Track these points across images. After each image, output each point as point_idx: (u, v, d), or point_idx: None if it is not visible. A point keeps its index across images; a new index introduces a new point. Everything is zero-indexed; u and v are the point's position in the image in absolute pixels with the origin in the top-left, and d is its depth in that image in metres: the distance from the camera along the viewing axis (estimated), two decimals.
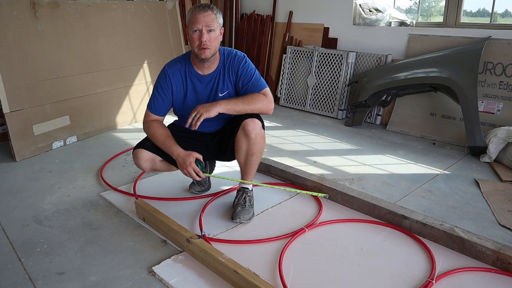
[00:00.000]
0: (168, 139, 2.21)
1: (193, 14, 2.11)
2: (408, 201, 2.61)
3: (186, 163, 2.12)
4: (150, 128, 2.28)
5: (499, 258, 1.90)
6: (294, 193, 2.68)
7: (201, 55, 2.15)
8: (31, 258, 2.01)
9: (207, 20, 2.10)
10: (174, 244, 2.11)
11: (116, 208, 2.52)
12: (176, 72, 2.27)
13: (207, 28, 2.10)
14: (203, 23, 2.10)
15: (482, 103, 3.64)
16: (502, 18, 3.99)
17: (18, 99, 3.28)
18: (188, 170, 2.12)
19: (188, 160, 2.12)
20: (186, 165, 2.12)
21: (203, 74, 2.27)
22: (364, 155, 3.45)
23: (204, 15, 2.10)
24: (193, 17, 2.11)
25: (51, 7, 3.53)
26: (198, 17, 2.09)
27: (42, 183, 2.89)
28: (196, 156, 2.14)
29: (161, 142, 2.22)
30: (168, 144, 2.20)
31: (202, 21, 2.09)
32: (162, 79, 2.28)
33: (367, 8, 4.49)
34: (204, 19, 2.09)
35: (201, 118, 2.08)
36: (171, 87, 2.27)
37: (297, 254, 2.03)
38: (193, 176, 2.14)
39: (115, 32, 4.07)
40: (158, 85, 2.29)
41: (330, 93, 4.65)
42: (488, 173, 3.07)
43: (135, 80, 4.29)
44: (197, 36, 2.11)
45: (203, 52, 2.13)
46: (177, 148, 2.17)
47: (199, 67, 2.26)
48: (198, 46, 2.12)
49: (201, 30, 2.10)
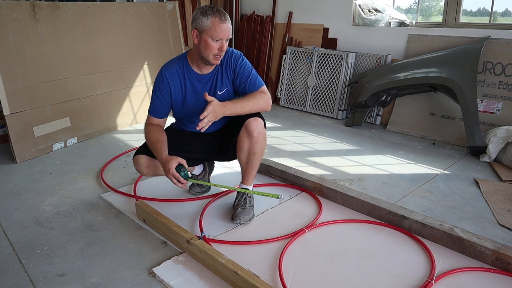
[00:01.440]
0: (157, 144, 2.17)
1: (217, 23, 2.07)
2: (408, 201, 2.62)
3: (165, 169, 2.05)
4: (146, 131, 2.27)
5: (499, 258, 1.91)
6: (294, 194, 2.69)
7: (214, 62, 2.18)
8: (32, 260, 2.02)
9: (229, 32, 2.12)
10: (174, 245, 2.12)
11: (117, 209, 2.52)
12: (173, 74, 2.27)
13: (227, 39, 2.13)
14: (227, 34, 2.11)
15: (481, 103, 3.64)
16: (502, 17, 3.99)
17: (18, 101, 3.29)
18: (169, 177, 2.05)
19: (167, 166, 2.03)
20: (166, 171, 2.05)
21: (202, 73, 2.28)
22: (364, 155, 3.46)
23: (227, 26, 2.10)
24: (217, 27, 2.07)
25: (51, 9, 3.54)
26: (223, 28, 2.09)
27: (42, 185, 2.90)
28: (178, 161, 2.05)
29: (151, 147, 2.20)
30: (155, 149, 2.16)
31: (226, 32, 2.10)
32: (160, 82, 2.27)
33: (366, 9, 4.49)
34: (227, 30, 2.11)
35: (210, 123, 2.06)
36: (169, 89, 2.27)
37: (297, 255, 2.04)
38: (174, 183, 2.06)
39: (115, 34, 4.08)
40: (156, 88, 2.28)
41: (330, 93, 4.66)
42: (488, 173, 3.08)
43: (135, 81, 4.30)
44: (217, 45, 2.11)
45: (217, 60, 2.17)
46: (161, 154, 2.11)
47: (199, 67, 2.27)
48: (215, 54, 2.13)
49: (222, 40, 2.11)
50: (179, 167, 2.05)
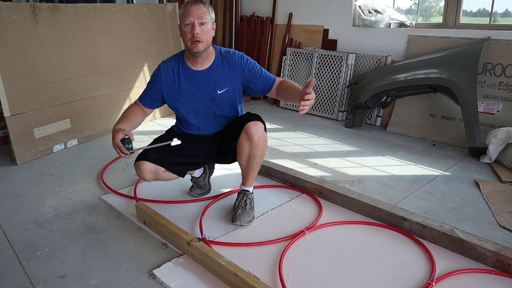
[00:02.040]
0: (123, 119, 2.33)
1: (185, 7, 2.15)
2: (408, 203, 2.62)
3: (113, 140, 2.15)
4: (128, 107, 2.45)
5: (499, 259, 1.91)
6: (294, 196, 2.69)
7: (193, 49, 2.16)
8: (32, 262, 2.02)
9: (199, 13, 2.13)
10: (175, 247, 2.12)
11: (117, 211, 2.52)
12: (168, 69, 2.32)
13: (199, 21, 2.13)
14: (195, 15, 2.12)
15: (482, 104, 3.64)
16: (502, 18, 3.99)
17: (18, 103, 3.29)
18: (114, 147, 2.15)
19: (114, 138, 2.13)
20: (113, 142, 2.15)
21: (197, 69, 2.29)
22: (364, 156, 3.46)
23: (196, 8, 2.13)
24: (185, 11, 2.14)
25: (51, 11, 3.54)
26: (190, 10, 2.13)
27: (43, 187, 2.90)
28: (125, 134, 2.14)
29: (120, 117, 2.36)
30: (119, 121, 2.32)
31: (194, 13, 2.12)
32: (154, 74, 2.37)
33: (366, 10, 4.50)
34: (196, 11, 2.13)
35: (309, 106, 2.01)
36: (161, 83, 2.33)
37: (297, 257, 2.04)
38: (118, 153, 2.14)
39: (115, 35, 4.08)
40: (151, 78, 2.39)
41: (330, 94, 4.66)
42: (488, 174, 3.08)
43: (136, 82, 4.30)
44: (189, 29, 2.14)
45: (196, 45, 2.15)
46: (116, 125, 2.26)
47: (192, 63, 2.29)
48: (190, 39, 2.14)
49: (193, 23, 2.12)
50: (125, 139, 2.14)
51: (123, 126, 2.26)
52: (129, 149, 2.14)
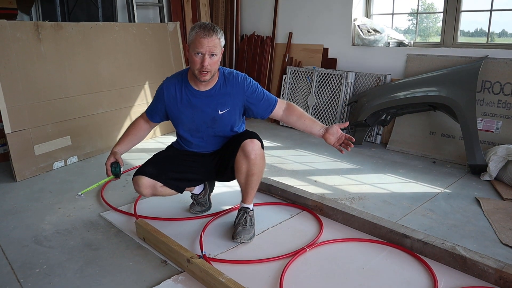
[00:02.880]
0: (125, 136, 2.46)
1: (198, 37, 2.08)
2: (409, 220, 2.60)
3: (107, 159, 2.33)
4: (133, 122, 2.54)
5: (502, 276, 1.89)
6: (295, 213, 2.68)
7: (200, 78, 2.18)
8: (30, 279, 2.00)
9: (211, 46, 2.09)
10: (175, 264, 2.10)
11: (116, 228, 2.51)
12: (170, 87, 2.33)
13: (210, 53, 2.10)
14: (207, 48, 2.09)
15: (481, 122, 3.66)
16: (499, 38, 4.04)
17: (19, 120, 3.30)
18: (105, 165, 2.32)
19: (108, 158, 2.32)
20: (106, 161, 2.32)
21: (199, 90, 2.30)
22: (365, 174, 3.45)
23: (208, 40, 2.08)
24: (197, 40, 2.08)
25: (54, 29, 3.59)
26: (203, 42, 2.08)
27: (42, 203, 2.89)
28: (116, 159, 2.31)
29: (123, 134, 2.48)
30: (121, 138, 2.46)
31: (206, 46, 2.08)
32: (158, 91, 2.39)
33: (365, 29, 4.55)
34: (209, 44, 2.08)
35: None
36: (164, 99, 2.34)
37: (298, 274, 2.02)
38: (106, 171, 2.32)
39: (116, 54, 4.13)
40: (156, 94, 2.41)
41: (330, 112, 4.68)
42: (489, 191, 3.07)
43: (136, 100, 4.32)
44: (199, 59, 2.11)
45: (204, 75, 2.15)
46: (116, 145, 2.40)
47: (196, 84, 2.30)
48: (199, 68, 2.13)
49: (204, 54, 2.10)
50: (115, 163, 2.33)
51: (121, 147, 2.41)
52: (115, 174, 2.34)
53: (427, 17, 4.62)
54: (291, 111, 2.36)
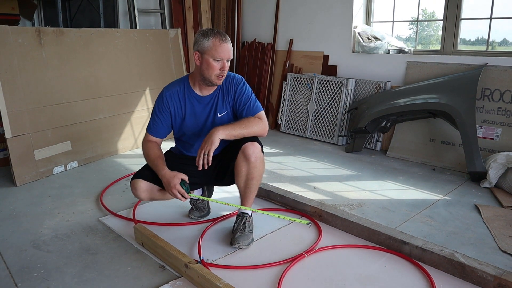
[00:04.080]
0: (158, 159, 2.25)
1: (218, 43, 2.14)
2: (408, 227, 2.60)
3: (170, 185, 2.13)
4: (145, 148, 2.33)
5: (501, 284, 1.88)
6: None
7: (217, 82, 2.23)
8: (28, 283, 2.00)
9: (230, 52, 2.18)
10: (172, 269, 2.10)
11: (115, 233, 2.51)
12: (174, 95, 2.32)
13: (228, 59, 2.18)
14: (228, 54, 2.17)
15: (481, 129, 3.66)
16: (500, 46, 4.05)
17: (20, 124, 3.31)
18: (173, 192, 2.13)
19: (173, 182, 2.13)
20: (171, 186, 2.13)
21: (203, 95, 2.31)
22: (364, 181, 3.45)
23: (228, 46, 2.17)
24: (218, 46, 2.14)
25: (56, 35, 3.61)
26: (224, 48, 2.15)
27: (41, 208, 2.89)
28: (181, 177, 2.15)
29: (151, 162, 2.27)
30: (156, 164, 2.23)
31: (227, 52, 2.16)
32: (160, 103, 2.32)
33: (365, 36, 4.57)
34: (229, 50, 2.17)
35: (210, 153, 2.11)
36: (169, 109, 2.32)
37: (296, 280, 2.01)
38: (178, 197, 2.15)
39: (118, 59, 4.14)
40: (157, 108, 2.34)
41: (330, 119, 4.69)
42: (488, 199, 3.06)
43: (137, 106, 4.34)
44: (218, 65, 2.17)
45: (220, 80, 2.23)
46: (163, 169, 2.19)
47: (201, 89, 2.31)
48: (218, 74, 2.19)
49: (224, 60, 2.17)
50: (182, 182, 2.16)
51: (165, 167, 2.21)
52: (187, 191, 2.18)
53: (428, 25, 4.63)
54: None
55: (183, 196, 2.16)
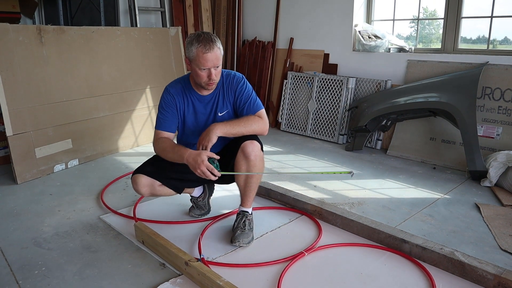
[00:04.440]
0: (177, 146, 2.18)
1: (200, 53, 2.08)
2: (409, 225, 2.60)
3: (198, 162, 2.01)
4: (160, 143, 2.25)
5: (501, 282, 1.88)
6: (294, 217, 2.68)
7: (209, 88, 2.23)
8: (29, 281, 2.00)
9: (214, 60, 2.11)
10: (173, 267, 2.10)
11: (116, 231, 2.51)
12: (178, 91, 2.32)
13: (215, 66, 2.14)
14: (212, 63, 2.11)
15: (481, 128, 3.66)
16: (501, 45, 4.05)
17: (21, 122, 3.32)
18: (202, 169, 2.00)
19: (200, 159, 2.00)
20: (199, 164, 2.00)
21: (203, 94, 2.32)
22: (365, 179, 3.45)
23: (212, 55, 2.09)
24: (200, 57, 2.08)
25: (57, 33, 3.61)
26: (207, 58, 2.08)
27: (42, 206, 2.89)
28: (208, 154, 2.03)
29: (171, 152, 2.17)
30: (178, 150, 2.14)
31: (211, 61, 2.10)
32: (166, 98, 2.32)
33: (366, 35, 4.57)
34: (212, 60, 2.10)
35: (208, 148, 2.10)
36: (176, 104, 2.31)
37: (296, 278, 2.02)
38: (207, 175, 2.01)
39: (118, 58, 4.15)
40: (163, 104, 2.32)
41: (331, 118, 4.69)
42: (489, 198, 3.07)
43: (138, 104, 4.34)
44: (205, 73, 2.15)
45: (211, 86, 2.21)
46: (187, 150, 2.09)
47: (199, 90, 2.31)
48: (206, 82, 2.18)
49: (209, 68, 2.13)
50: (211, 160, 2.03)
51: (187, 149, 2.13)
52: (217, 168, 2.04)
53: (429, 24, 4.63)
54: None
55: (212, 174, 2.02)
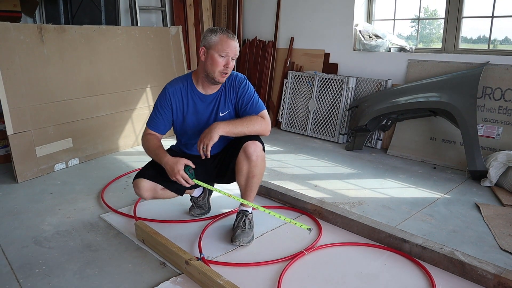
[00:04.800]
0: (159, 149, 2.24)
1: (225, 38, 2.14)
2: (409, 225, 2.60)
3: (174, 170, 2.11)
4: (145, 140, 2.32)
5: (501, 282, 1.88)
6: (294, 217, 2.68)
7: (220, 80, 2.22)
8: (29, 279, 2.01)
9: (236, 50, 2.17)
10: (173, 266, 2.10)
11: (116, 230, 2.52)
12: (177, 92, 2.31)
13: (234, 56, 2.18)
14: (234, 50, 2.16)
15: (482, 128, 3.66)
16: (502, 44, 4.05)
17: (22, 121, 3.32)
18: (177, 178, 2.12)
19: (176, 168, 2.11)
20: (175, 172, 2.11)
21: (206, 93, 2.31)
22: (365, 179, 3.46)
23: (235, 43, 2.16)
24: (225, 42, 2.14)
25: (57, 32, 3.61)
26: (231, 44, 2.15)
27: (43, 205, 2.90)
28: (184, 163, 2.14)
29: (152, 152, 2.26)
30: (158, 153, 2.22)
31: (233, 48, 2.16)
32: (163, 98, 2.32)
33: (367, 34, 4.57)
34: (235, 47, 2.17)
35: (209, 147, 2.12)
36: (171, 106, 2.31)
37: (296, 277, 2.02)
38: (182, 183, 2.14)
39: (119, 57, 4.15)
40: (158, 104, 2.33)
41: (331, 117, 4.69)
42: (489, 197, 3.07)
43: (138, 103, 4.34)
44: (223, 61, 2.16)
45: (224, 77, 2.21)
46: (165, 156, 2.18)
47: (204, 88, 2.30)
48: (221, 70, 2.17)
49: (229, 56, 2.16)
50: (187, 168, 2.14)
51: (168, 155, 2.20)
52: (192, 177, 2.16)
53: (430, 24, 4.63)
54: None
55: (187, 182, 2.14)
